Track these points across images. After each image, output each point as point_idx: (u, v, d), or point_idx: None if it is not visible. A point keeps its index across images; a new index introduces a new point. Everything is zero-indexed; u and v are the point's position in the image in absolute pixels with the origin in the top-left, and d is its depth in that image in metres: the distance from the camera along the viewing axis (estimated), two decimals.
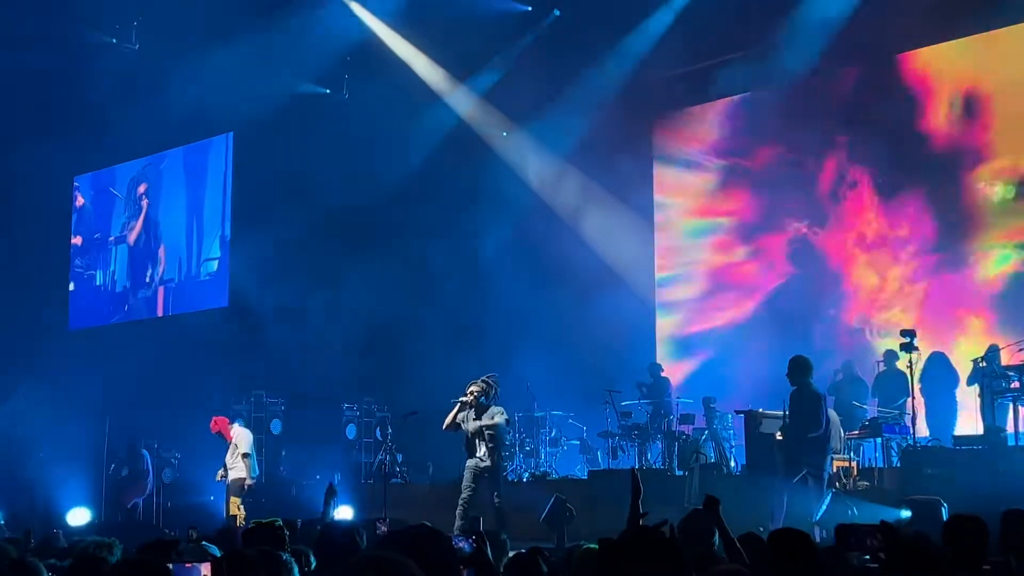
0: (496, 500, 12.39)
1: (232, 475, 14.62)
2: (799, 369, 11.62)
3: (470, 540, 5.51)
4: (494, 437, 12.51)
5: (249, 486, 14.72)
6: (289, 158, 19.55)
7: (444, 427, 12.89)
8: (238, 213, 20.84)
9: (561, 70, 18.70)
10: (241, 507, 14.31)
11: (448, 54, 19.11)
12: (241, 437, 14.85)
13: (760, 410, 13.89)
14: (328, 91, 20.02)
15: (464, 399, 12.67)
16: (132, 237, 22.85)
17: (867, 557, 7.64)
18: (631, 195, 19.49)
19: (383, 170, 19.29)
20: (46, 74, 18.90)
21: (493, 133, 20.09)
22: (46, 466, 19.73)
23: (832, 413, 12.10)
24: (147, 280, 22.48)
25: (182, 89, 18.72)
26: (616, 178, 19.29)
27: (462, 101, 19.77)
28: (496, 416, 12.58)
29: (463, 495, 12.46)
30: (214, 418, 15.49)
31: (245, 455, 14.67)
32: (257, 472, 15.10)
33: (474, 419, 12.58)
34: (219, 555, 5.85)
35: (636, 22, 18.02)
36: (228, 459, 14.78)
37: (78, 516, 16.61)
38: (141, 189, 22.77)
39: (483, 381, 12.73)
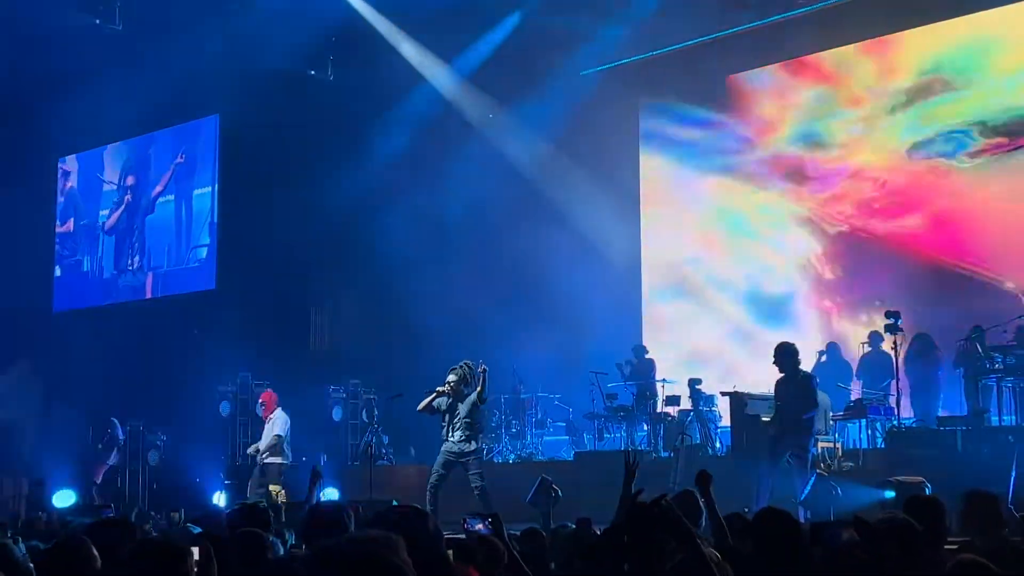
0: (477, 484, 12.38)
1: (268, 458, 14.31)
2: (787, 355, 11.69)
3: (486, 522, 5.52)
4: (472, 424, 12.48)
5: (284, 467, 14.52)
6: (274, 140, 19.48)
7: (418, 409, 12.88)
8: (225, 197, 20.75)
9: (548, 50, 18.66)
10: (281, 492, 14.01)
11: (433, 34, 19.04)
12: (277, 419, 14.60)
13: (746, 391, 13.96)
14: (312, 72, 19.93)
15: (442, 388, 12.63)
16: (115, 225, 22.73)
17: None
18: (617, 176, 19.50)
19: (369, 151, 19.23)
20: (28, 55, 18.76)
21: (479, 114, 20.04)
22: (32, 448, 19.71)
23: (822, 395, 12.16)
24: (135, 268, 22.35)
25: (167, 71, 18.61)
26: (602, 159, 19.30)
27: (448, 82, 19.72)
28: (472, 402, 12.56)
29: (431, 479, 12.46)
30: (270, 391, 15.22)
31: (277, 436, 14.43)
32: (289, 456, 14.87)
33: (449, 403, 12.56)
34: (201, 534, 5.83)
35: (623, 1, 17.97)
36: (265, 441, 14.47)
37: (63, 498, 16.58)
38: (130, 181, 22.63)
39: (462, 367, 12.67)
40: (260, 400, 14.91)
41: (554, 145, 19.41)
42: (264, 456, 14.47)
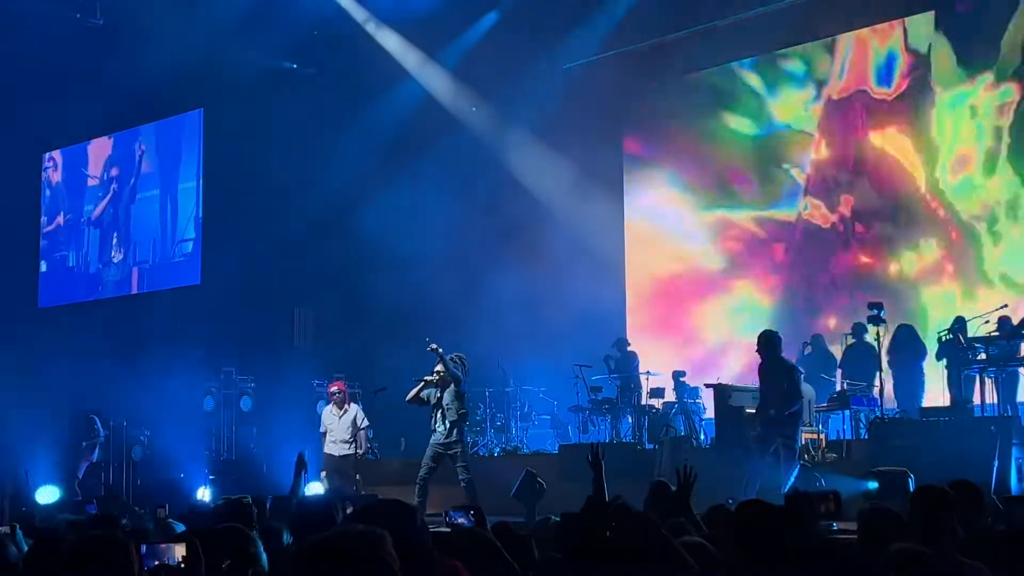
0: (463, 476, 12.39)
1: (352, 448, 14.14)
2: (770, 343, 11.70)
3: (469, 514, 5.52)
4: (457, 414, 12.49)
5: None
6: (258, 134, 19.42)
7: (407, 399, 12.92)
8: (210, 191, 20.68)
9: (530, 43, 18.66)
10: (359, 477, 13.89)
11: (416, 28, 19.01)
12: (359, 412, 14.47)
13: (729, 383, 13.98)
14: (295, 65, 19.87)
15: (429, 378, 12.68)
16: (100, 215, 22.63)
17: (834, 525, 7.72)
18: (601, 169, 19.50)
19: (352, 146, 19.18)
20: (8, 49, 18.67)
21: (462, 108, 20.02)
22: (15, 444, 19.61)
23: (807, 386, 12.19)
24: (120, 262, 22.25)
25: (149, 65, 18.54)
26: (586, 152, 19.31)
27: (431, 75, 19.68)
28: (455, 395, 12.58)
29: (420, 472, 12.52)
30: (342, 382, 14.98)
31: (365, 428, 14.31)
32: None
33: (438, 395, 12.62)
34: (186, 533, 5.82)
35: None
36: (346, 434, 14.13)
37: (47, 494, 16.52)
38: (114, 172, 22.53)
39: (452, 358, 12.73)
40: (340, 390, 14.35)
41: (537, 138, 19.42)
42: (348, 446, 14.16)
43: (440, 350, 12.53)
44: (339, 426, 14.10)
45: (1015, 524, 6.30)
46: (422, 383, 12.73)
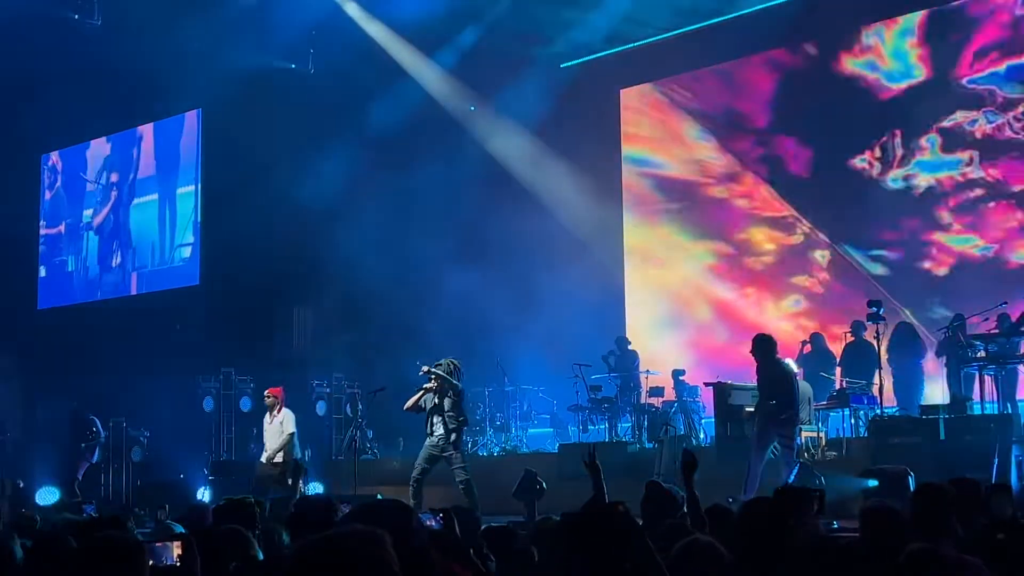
0: (461, 478, 12.37)
1: (282, 456, 13.85)
2: (764, 346, 11.71)
3: (437, 517, 5.50)
4: (454, 418, 12.48)
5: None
6: (255, 134, 19.40)
7: (405, 408, 12.91)
8: (209, 192, 20.66)
9: (528, 43, 18.66)
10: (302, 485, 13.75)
11: (414, 28, 19.00)
12: (288, 417, 14.42)
13: (729, 382, 13.97)
14: (293, 65, 19.85)
15: (428, 385, 12.64)
16: (100, 224, 22.61)
17: (835, 524, 7.73)
18: (599, 167, 19.52)
19: (350, 145, 19.18)
20: (7, 50, 18.66)
21: (460, 107, 20.02)
22: (16, 446, 19.64)
23: (804, 385, 12.19)
24: (119, 266, 22.23)
25: (147, 66, 18.52)
26: (584, 150, 19.31)
27: (429, 76, 19.68)
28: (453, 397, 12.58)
29: (414, 473, 12.51)
30: (280, 388, 14.67)
31: (292, 434, 14.10)
32: (300, 453, 14.40)
33: (435, 401, 12.59)
34: (183, 533, 5.82)
35: None
36: (274, 440, 13.91)
37: (46, 495, 16.55)
38: (114, 178, 22.50)
39: (446, 363, 12.68)
40: (270, 394, 14.25)
41: (535, 137, 19.43)
42: (276, 454, 14.02)
43: (433, 371, 12.49)
44: (270, 432, 14.04)
45: (996, 514, 6.31)
46: (421, 391, 12.71)
